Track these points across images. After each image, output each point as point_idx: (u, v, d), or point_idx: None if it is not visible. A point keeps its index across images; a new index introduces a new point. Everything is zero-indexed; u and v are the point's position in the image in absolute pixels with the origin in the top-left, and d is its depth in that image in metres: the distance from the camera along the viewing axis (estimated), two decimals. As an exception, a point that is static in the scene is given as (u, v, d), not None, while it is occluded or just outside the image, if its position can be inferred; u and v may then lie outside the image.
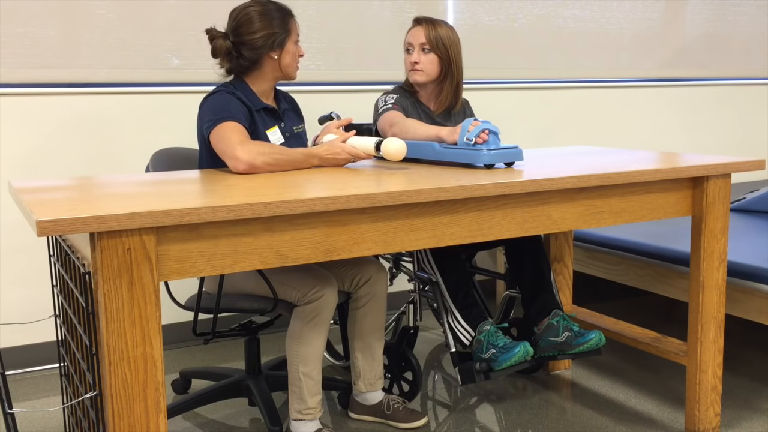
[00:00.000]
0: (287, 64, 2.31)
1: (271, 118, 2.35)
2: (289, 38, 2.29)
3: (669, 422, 2.48)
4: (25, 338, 3.02)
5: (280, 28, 2.27)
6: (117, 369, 1.51)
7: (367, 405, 2.50)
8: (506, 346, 2.25)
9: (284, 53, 2.30)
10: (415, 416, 2.46)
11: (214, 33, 2.28)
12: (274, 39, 2.26)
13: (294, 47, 2.32)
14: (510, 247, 2.61)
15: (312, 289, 2.18)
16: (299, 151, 2.15)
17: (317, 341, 2.21)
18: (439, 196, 1.80)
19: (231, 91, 2.25)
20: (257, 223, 1.64)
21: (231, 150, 2.08)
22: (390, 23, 3.53)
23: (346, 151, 2.18)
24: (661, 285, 2.86)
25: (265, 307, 2.23)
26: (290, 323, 2.24)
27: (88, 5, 2.97)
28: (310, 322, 2.19)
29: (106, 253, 1.48)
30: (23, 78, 2.91)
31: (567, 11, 3.97)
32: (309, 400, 2.23)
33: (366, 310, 2.41)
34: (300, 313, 2.20)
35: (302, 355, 2.21)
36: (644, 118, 4.29)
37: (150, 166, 2.43)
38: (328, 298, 2.19)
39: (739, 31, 4.54)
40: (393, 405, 2.48)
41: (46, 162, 2.97)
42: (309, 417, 2.24)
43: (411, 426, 2.45)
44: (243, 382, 2.49)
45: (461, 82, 2.64)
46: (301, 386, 2.22)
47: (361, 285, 2.40)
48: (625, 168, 2.11)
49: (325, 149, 2.18)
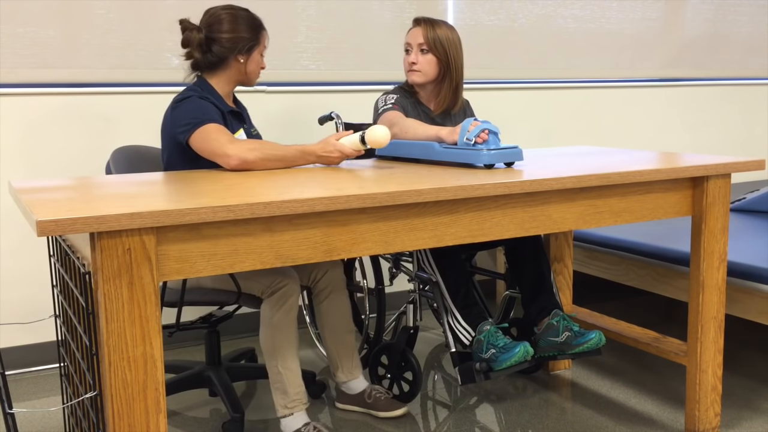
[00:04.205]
0: (251, 70, 2.40)
1: (236, 121, 2.42)
2: (256, 47, 2.38)
3: (669, 422, 2.48)
4: (25, 338, 3.02)
5: (249, 34, 2.36)
6: (117, 369, 1.51)
7: (351, 394, 2.56)
8: (506, 346, 2.25)
9: (250, 60, 2.38)
10: (395, 406, 2.53)
11: (187, 24, 2.36)
12: (242, 44, 2.34)
13: (259, 57, 2.41)
14: (510, 247, 2.61)
15: (275, 280, 2.26)
16: (294, 148, 2.19)
17: (289, 328, 2.26)
18: (439, 196, 1.80)
19: (202, 95, 2.30)
20: (257, 223, 1.64)
21: (221, 148, 2.12)
22: (390, 23, 3.53)
23: (338, 150, 2.21)
24: (661, 285, 2.86)
25: (229, 300, 2.30)
26: (261, 316, 2.30)
27: (88, 5, 2.97)
28: (281, 309, 2.25)
29: (106, 253, 1.48)
30: (23, 78, 2.91)
31: (567, 11, 3.97)
32: (292, 391, 2.27)
33: (329, 302, 2.50)
34: (268, 303, 2.27)
35: (278, 347, 2.26)
36: (644, 118, 4.29)
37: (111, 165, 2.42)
38: (291, 286, 2.27)
39: (739, 31, 4.54)
40: (375, 394, 2.54)
41: (46, 162, 2.97)
42: (296, 409, 2.28)
43: (389, 415, 2.52)
44: (204, 373, 2.55)
45: (461, 82, 2.64)
46: (282, 380, 2.27)
47: (319, 279, 2.50)
48: (625, 168, 2.11)
49: (321, 147, 2.21)
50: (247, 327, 3.40)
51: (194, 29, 2.34)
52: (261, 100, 3.24)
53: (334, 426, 2.48)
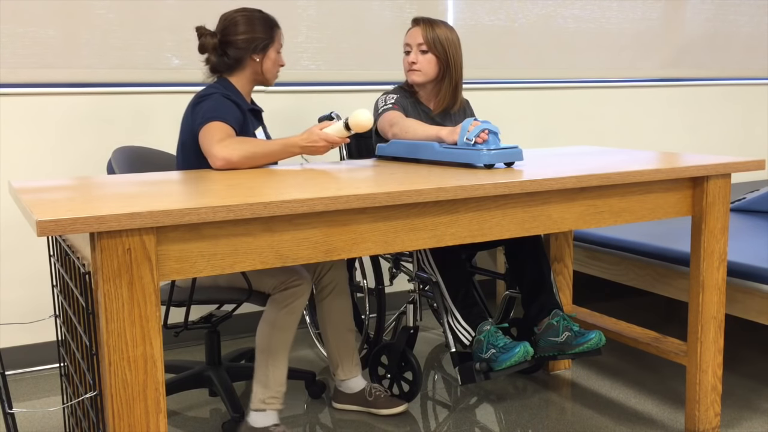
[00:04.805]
0: (267, 69, 2.42)
1: (255, 119, 2.45)
2: (272, 45, 2.41)
3: (669, 422, 2.48)
4: (25, 338, 3.02)
5: (264, 34, 2.39)
6: (117, 369, 1.51)
7: (350, 393, 2.57)
8: (506, 346, 2.25)
9: (266, 59, 2.41)
10: (396, 403, 2.54)
11: (202, 31, 2.40)
12: (256, 43, 2.38)
13: (276, 55, 2.43)
14: (510, 247, 2.61)
15: (290, 277, 2.25)
16: (277, 142, 2.20)
17: (289, 330, 2.26)
18: (439, 196, 1.80)
19: (224, 93, 2.32)
20: (257, 223, 1.64)
21: (209, 147, 2.15)
22: (390, 23, 3.53)
23: (323, 138, 2.22)
24: (661, 285, 2.86)
25: (240, 297, 2.29)
26: (265, 311, 2.29)
27: (88, 5, 2.97)
28: (286, 308, 2.24)
29: (106, 253, 1.48)
30: (24, 78, 2.91)
31: (567, 11, 3.97)
32: (274, 388, 2.27)
33: (332, 298, 2.52)
34: (275, 300, 2.26)
35: (273, 343, 2.25)
36: (644, 118, 4.29)
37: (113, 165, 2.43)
38: (304, 287, 2.26)
39: (740, 31, 4.54)
40: (375, 393, 2.55)
41: (46, 162, 2.97)
42: (271, 406, 2.28)
43: (390, 412, 2.53)
44: (204, 372, 2.55)
45: (460, 82, 2.64)
46: (268, 374, 2.27)
47: (323, 274, 2.51)
48: (625, 168, 2.11)
49: (304, 138, 2.22)
50: (247, 327, 3.40)
51: (209, 35, 2.39)
52: (261, 100, 3.24)
53: (333, 426, 2.48)
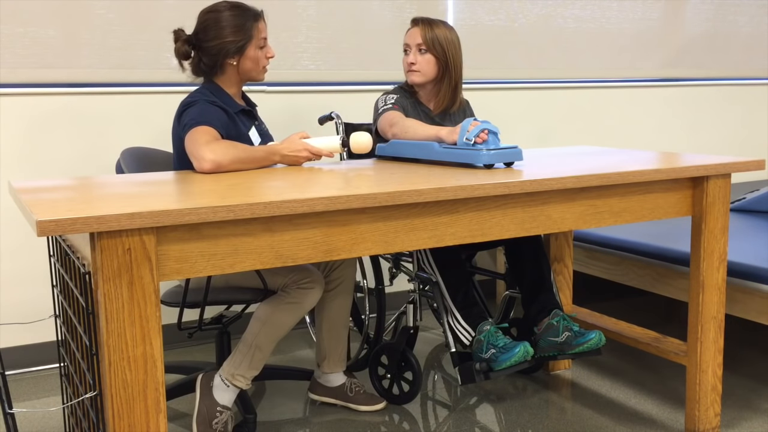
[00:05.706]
0: (248, 69, 2.34)
1: (248, 119, 2.40)
2: (249, 44, 2.31)
3: (669, 422, 2.48)
4: (25, 338, 3.02)
5: (235, 36, 2.28)
6: (117, 369, 1.51)
7: (329, 387, 2.58)
8: (506, 346, 2.25)
9: (243, 59, 2.32)
10: (375, 400, 2.56)
11: (177, 35, 2.33)
12: (228, 48, 2.28)
13: (256, 52, 2.33)
14: (510, 247, 2.61)
15: (305, 276, 2.24)
16: (260, 149, 2.18)
17: (282, 327, 2.24)
18: (439, 196, 1.80)
19: (210, 99, 2.27)
20: (257, 223, 1.64)
21: (196, 150, 2.11)
22: (390, 23, 3.53)
23: (306, 149, 2.21)
24: (661, 285, 2.86)
25: (254, 298, 2.27)
26: (262, 304, 2.26)
27: (88, 5, 2.97)
28: (288, 305, 2.22)
29: (106, 253, 1.48)
30: (23, 78, 2.91)
31: (567, 11, 3.97)
32: (247, 370, 2.26)
33: (335, 293, 2.51)
34: (280, 296, 2.24)
35: (263, 340, 2.24)
36: (644, 118, 4.29)
37: (122, 165, 2.42)
38: (316, 291, 2.25)
39: (739, 31, 4.54)
40: (355, 389, 2.56)
41: (46, 162, 2.97)
42: (236, 382, 2.26)
43: (370, 409, 2.55)
44: None
45: (460, 81, 2.64)
46: (249, 354, 2.25)
47: (334, 269, 2.50)
48: (625, 168, 2.11)
49: (285, 146, 2.21)
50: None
51: (182, 40, 2.31)
52: (261, 100, 3.24)
53: (333, 427, 2.48)
